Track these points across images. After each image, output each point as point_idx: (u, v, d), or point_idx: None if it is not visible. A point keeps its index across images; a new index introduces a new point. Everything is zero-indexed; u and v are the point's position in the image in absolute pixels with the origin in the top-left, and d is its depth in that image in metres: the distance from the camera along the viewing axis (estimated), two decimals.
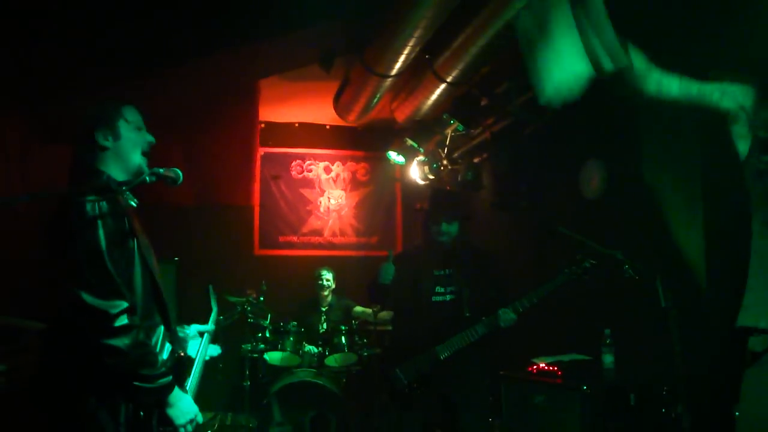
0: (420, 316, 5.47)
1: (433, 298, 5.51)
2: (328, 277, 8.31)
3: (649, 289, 4.65)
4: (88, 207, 3.05)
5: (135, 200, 3.41)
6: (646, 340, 5.10)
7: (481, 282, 5.54)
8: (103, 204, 3.09)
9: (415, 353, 5.37)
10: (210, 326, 3.96)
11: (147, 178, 3.31)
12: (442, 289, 5.53)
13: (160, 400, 3.11)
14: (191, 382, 3.55)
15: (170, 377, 3.12)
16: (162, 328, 3.28)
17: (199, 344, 3.76)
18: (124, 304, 3.01)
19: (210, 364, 3.89)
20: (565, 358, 5.40)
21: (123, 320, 2.99)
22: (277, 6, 6.16)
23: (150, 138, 3.45)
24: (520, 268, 7.34)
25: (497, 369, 5.77)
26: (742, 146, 2.33)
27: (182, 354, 3.54)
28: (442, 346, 5.31)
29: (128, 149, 3.35)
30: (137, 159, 3.37)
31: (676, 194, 5.37)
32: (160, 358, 3.13)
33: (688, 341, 4.44)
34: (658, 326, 4.59)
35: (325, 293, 8.28)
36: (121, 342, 2.97)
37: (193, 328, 3.78)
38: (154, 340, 3.19)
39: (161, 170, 3.34)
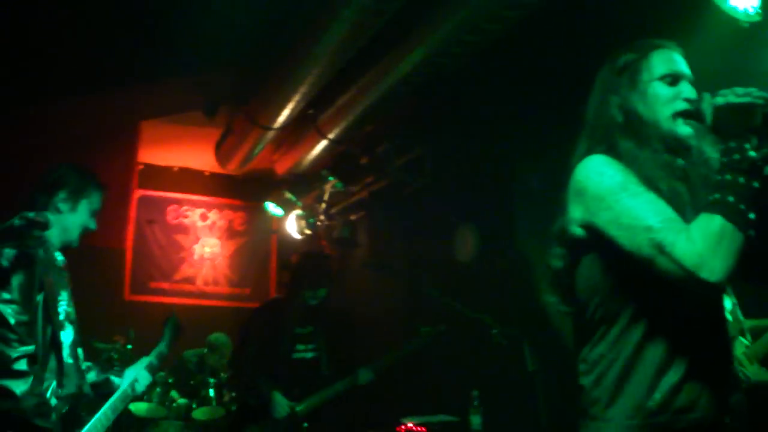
0: (279, 373, 5.45)
1: (293, 355, 5.49)
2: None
3: (516, 352, 4.78)
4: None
5: (62, 256, 3.62)
6: (514, 403, 5.21)
7: (340, 340, 5.62)
8: (11, 253, 3.27)
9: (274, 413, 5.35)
10: (148, 358, 4.03)
11: (16, 222, 3.25)
12: (303, 347, 5.54)
13: None
14: (93, 421, 3.54)
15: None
16: (55, 382, 3.33)
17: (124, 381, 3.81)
18: (27, 350, 3.17)
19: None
20: (434, 418, 5.46)
21: (21, 365, 3.13)
22: (164, 50, 6.13)
23: (94, 226, 3.68)
24: (391, 329, 7.39)
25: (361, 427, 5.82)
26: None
27: (81, 395, 3.53)
28: (301, 403, 5.32)
29: (74, 225, 3.59)
30: (74, 235, 3.60)
31: (543, 260, 5.54)
32: (53, 412, 3.22)
33: (553, 404, 4.57)
34: (525, 389, 4.70)
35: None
36: (17, 386, 3.09)
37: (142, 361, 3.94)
38: (49, 393, 3.27)
39: (31, 214, 3.29)
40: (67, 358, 3.47)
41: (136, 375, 3.83)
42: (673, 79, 2.31)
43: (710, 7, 4.06)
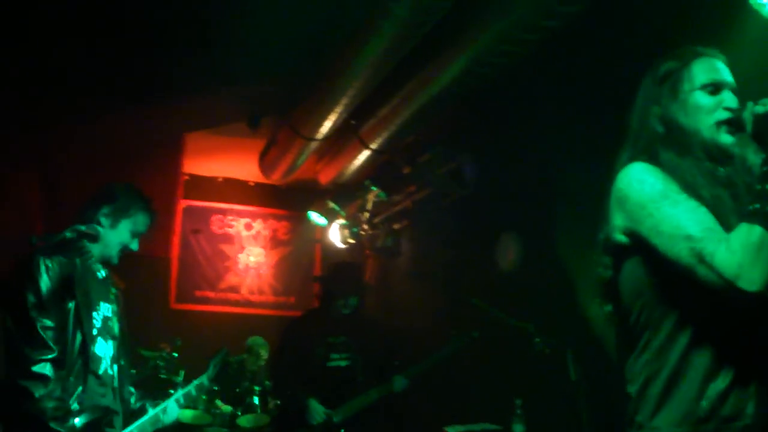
0: (314, 382, 5.53)
1: (328, 364, 5.63)
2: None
3: (559, 361, 4.78)
4: (34, 263, 3.33)
5: (103, 270, 3.71)
6: (556, 412, 5.20)
7: (373, 348, 5.70)
8: (48, 263, 3.36)
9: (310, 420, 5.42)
10: (186, 388, 4.03)
11: (67, 234, 3.33)
12: (337, 356, 5.64)
13: None
14: None
15: None
16: (80, 388, 3.37)
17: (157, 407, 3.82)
18: (49, 355, 3.22)
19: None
20: (476, 427, 5.47)
21: (43, 368, 3.19)
22: (208, 63, 6.23)
23: (135, 247, 3.74)
24: (433, 337, 7.39)
25: None
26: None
27: (110, 410, 3.56)
28: (337, 411, 5.40)
29: (111, 239, 3.64)
30: (113, 252, 3.66)
31: (586, 268, 5.54)
32: (71, 418, 3.25)
33: (596, 414, 4.56)
34: (568, 398, 4.70)
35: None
36: (36, 388, 3.15)
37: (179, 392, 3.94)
38: (72, 399, 3.32)
39: (83, 227, 3.37)
40: (108, 369, 3.56)
41: (167, 404, 3.84)
42: (715, 87, 2.30)
43: (750, 13, 4.05)
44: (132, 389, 3.89)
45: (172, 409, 3.85)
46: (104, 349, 3.55)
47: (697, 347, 2.08)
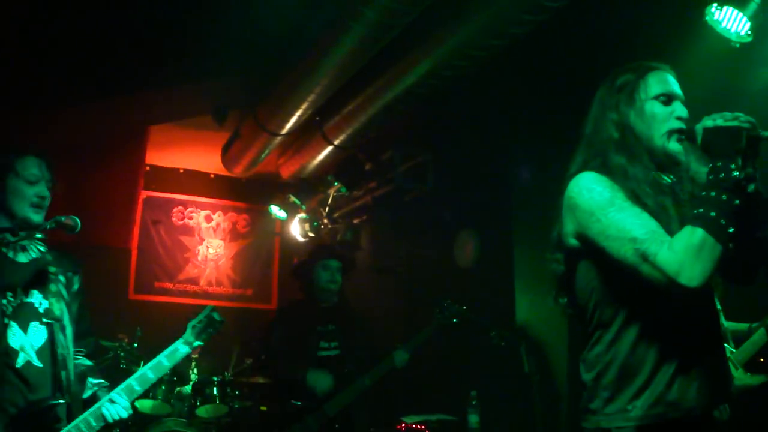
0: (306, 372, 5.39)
1: (319, 353, 5.45)
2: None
3: (513, 354, 4.97)
4: None
5: (27, 252, 3.46)
6: (510, 403, 5.38)
7: (356, 340, 5.60)
8: None
9: (302, 412, 5.28)
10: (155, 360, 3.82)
11: (47, 226, 3.33)
12: (327, 344, 5.49)
13: None
14: (69, 427, 3.37)
15: None
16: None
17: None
18: None
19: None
20: (433, 417, 5.61)
21: None
22: (175, 56, 6.27)
23: (44, 192, 3.39)
24: (392, 329, 7.51)
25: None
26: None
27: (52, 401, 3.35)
28: (330, 403, 5.26)
29: (12, 202, 3.35)
30: (22, 212, 3.34)
31: (542, 266, 5.72)
32: None
33: (548, 404, 4.75)
34: (522, 390, 4.88)
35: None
36: None
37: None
38: None
39: (62, 218, 3.35)
40: (34, 360, 3.31)
41: (112, 395, 3.61)
42: (668, 98, 2.47)
43: (704, 28, 4.26)
44: (85, 377, 3.64)
45: (119, 402, 3.60)
46: (22, 340, 3.28)
47: (645, 340, 2.27)
